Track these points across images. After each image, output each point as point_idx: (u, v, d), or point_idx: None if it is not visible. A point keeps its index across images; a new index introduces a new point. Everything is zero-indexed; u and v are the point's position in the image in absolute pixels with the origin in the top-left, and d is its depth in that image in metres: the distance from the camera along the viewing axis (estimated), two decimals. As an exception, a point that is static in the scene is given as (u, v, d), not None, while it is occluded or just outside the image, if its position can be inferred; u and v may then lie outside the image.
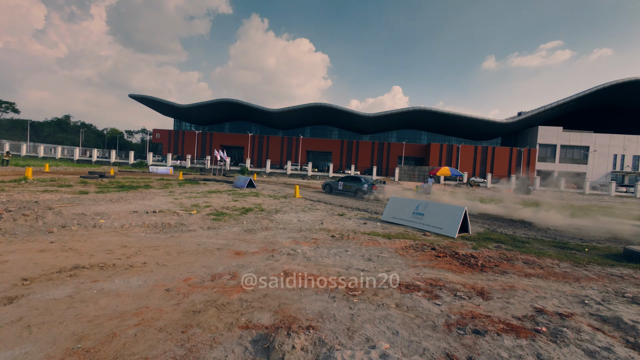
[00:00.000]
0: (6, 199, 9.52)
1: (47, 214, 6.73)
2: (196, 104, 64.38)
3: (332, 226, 8.52)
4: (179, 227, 7.36)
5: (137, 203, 10.65)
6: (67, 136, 71.49)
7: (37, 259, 4.56)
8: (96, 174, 20.28)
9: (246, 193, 16.47)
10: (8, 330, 2.61)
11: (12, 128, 63.88)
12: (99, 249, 5.25)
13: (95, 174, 20.22)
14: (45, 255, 4.74)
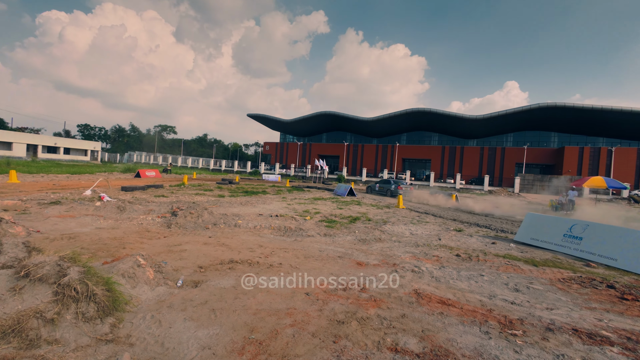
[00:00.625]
0: (175, 199, 12.55)
1: (204, 213, 8.43)
2: (298, 118, 71.08)
3: (452, 243, 7.61)
4: (299, 231, 7.95)
5: (260, 207, 12.25)
6: (205, 150, 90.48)
7: (203, 250, 5.65)
8: (227, 181, 24.71)
9: (348, 201, 16.78)
10: (201, 311, 3.21)
11: (173, 145, 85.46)
12: (243, 246, 6.13)
13: (226, 181, 24.67)
14: (208, 248, 5.83)
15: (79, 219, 7.64)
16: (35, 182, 15.68)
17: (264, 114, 76.38)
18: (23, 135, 41.00)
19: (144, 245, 5.88)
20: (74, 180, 18.62)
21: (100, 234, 6.42)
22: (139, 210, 9.04)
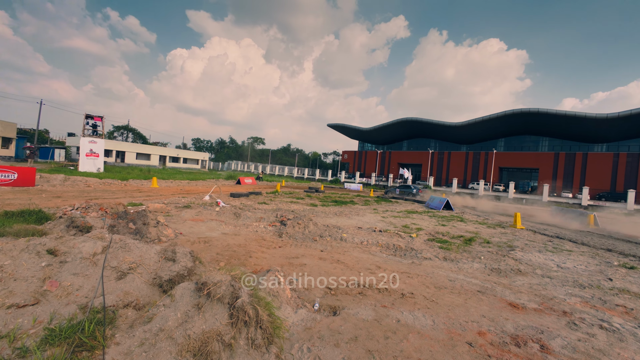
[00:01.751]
0: (275, 207, 13.33)
1: (310, 224, 8.49)
2: (377, 126, 69.69)
3: (634, 287, 5.58)
4: (410, 251, 7.15)
5: (355, 219, 11.89)
6: (288, 159, 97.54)
7: (323, 267, 5.45)
8: (313, 189, 25.55)
9: (447, 216, 14.97)
10: (357, 351, 2.82)
11: (262, 154, 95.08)
12: (359, 265, 5.72)
13: (312, 189, 25.53)
14: (326, 265, 5.61)
15: (207, 223, 8.61)
16: (168, 187, 19.12)
17: (343, 124, 77.77)
18: (157, 148, 51.99)
19: (265, 254, 6.07)
20: (192, 186, 22.07)
21: (227, 240, 6.99)
22: (251, 217, 9.74)
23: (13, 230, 4.66)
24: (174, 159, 53.15)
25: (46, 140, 49.58)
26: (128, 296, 2.92)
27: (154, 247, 3.63)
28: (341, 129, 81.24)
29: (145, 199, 12.17)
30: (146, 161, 47.04)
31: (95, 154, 26.26)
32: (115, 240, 3.51)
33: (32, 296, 2.68)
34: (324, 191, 26.74)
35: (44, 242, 3.14)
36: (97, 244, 3.30)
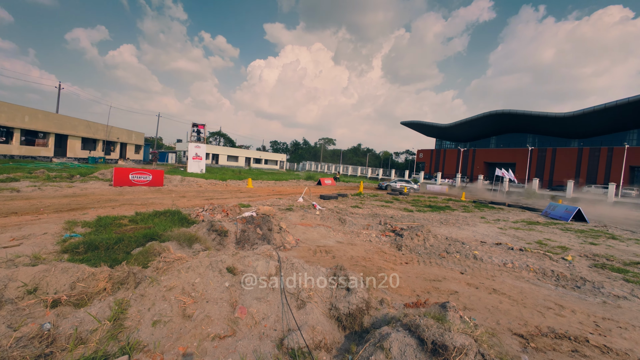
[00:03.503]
0: (369, 211, 12.62)
1: (429, 237, 7.46)
2: (459, 122, 62.80)
3: None
4: (582, 282, 5.45)
5: (468, 229, 10.26)
6: (359, 159, 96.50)
7: (482, 298, 4.41)
8: (397, 191, 24.09)
9: (584, 230, 11.83)
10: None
11: (333, 155, 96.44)
12: (529, 300, 4.47)
13: (396, 191, 24.09)
14: (483, 295, 4.55)
15: (316, 229, 8.39)
16: (261, 188, 20.39)
17: (418, 121, 72.69)
18: (243, 151, 57.52)
19: (397, 272, 5.34)
20: (280, 186, 23.13)
21: (346, 250, 6.53)
22: (357, 224, 9.21)
23: (175, 235, 4.99)
24: (257, 160, 57.96)
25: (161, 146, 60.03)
26: (316, 333, 2.50)
27: (321, 269, 3.22)
28: (416, 127, 76.11)
29: (249, 200, 12.94)
30: (234, 163, 52.46)
31: (199, 157, 30.06)
32: (283, 259, 3.22)
33: (227, 325, 2.47)
34: (408, 193, 24.91)
35: (223, 259, 3.00)
36: (270, 264, 3.03)
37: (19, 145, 21.59)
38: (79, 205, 8.65)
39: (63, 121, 25.48)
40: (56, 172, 15.16)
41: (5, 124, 20.38)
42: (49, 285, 2.69)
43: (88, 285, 2.79)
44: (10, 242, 5.11)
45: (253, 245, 6.11)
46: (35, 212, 7.37)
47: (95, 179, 14.73)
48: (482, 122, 60.28)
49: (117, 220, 6.57)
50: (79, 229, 5.94)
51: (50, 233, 5.69)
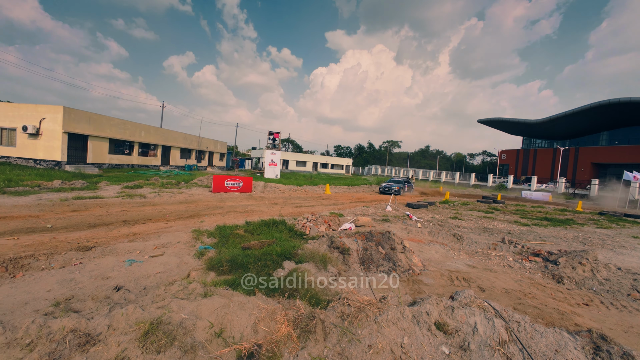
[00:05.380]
0: (475, 224, 10.81)
1: (599, 266, 5.65)
2: (554, 117, 52.91)
3: None
4: None
5: (630, 255, 7.77)
6: (427, 161, 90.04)
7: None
8: (490, 199, 20.97)
9: None
10: None
11: (398, 158, 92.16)
12: None
13: (489, 199, 20.98)
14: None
15: (431, 246, 7.28)
16: (338, 194, 19.98)
17: (499, 117, 63.97)
18: (310, 156, 59.02)
19: (584, 317, 3.91)
20: (356, 192, 22.39)
21: (489, 279, 5.30)
22: (478, 242, 7.76)
23: (308, 255, 4.56)
24: (324, 165, 58.71)
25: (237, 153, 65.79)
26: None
27: (565, 336, 2.21)
28: (496, 124, 67.18)
29: (336, 207, 12.48)
30: (302, 167, 54.08)
31: (275, 164, 31.50)
32: (504, 316, 2.31)
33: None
34: (504, 202, 21.46)
35: (427, 309, 2.25)
36: (496, 324, 2.15)
37: (137, 156, 25.81)
38: (194, 212, 9.29)
39: (167, 135, 29.65)
40: (166, 179, 17.27)
41: (129, 138, 24.56)
42: (232, 325, 2.32)
43: (270, 329, 2.34)
44: (154, 250, 5.42)
45: (378, 266, 5.38)
46: (163, 218, 8.06)
47: (196, 185, 16.26)
48: (589, 115, 49.73)
49: (235, 230, 6.62)
50: (206, 239, 6.09)
51: (182, 242, 5.95)
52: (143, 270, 4.41)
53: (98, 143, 21.88)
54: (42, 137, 19.07)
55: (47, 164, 19.10)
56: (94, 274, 4.20)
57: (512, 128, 66.66)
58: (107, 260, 4.70)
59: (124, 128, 24.36)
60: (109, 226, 6.78)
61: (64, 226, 6.50)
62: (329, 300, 2.82)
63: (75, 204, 8.92)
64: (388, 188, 21.24)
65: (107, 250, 5.12)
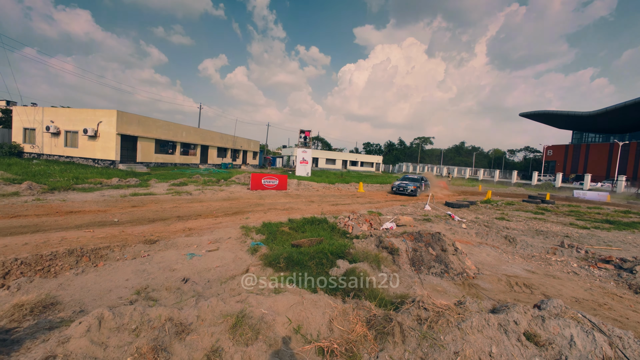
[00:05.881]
0: (525, 226, 10.06)
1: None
2: (612, 107, 47.36)
3: None
4: None
5: None
6: (462, 159, 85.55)
7: None
8: (538, 199, 19.43)
9: None
10: None
11: (431, 155, 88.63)
12: None
13: (537, 199, 19.45)
14: None
15: (481, 248, 6.91)
16: (371, 192, 19.69)
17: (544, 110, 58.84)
18: (340, 154, 58.98)
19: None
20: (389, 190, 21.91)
21: (554, 286, 4.91)
22: (534, 245, 7.23)
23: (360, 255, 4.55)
24: (353, 163, 58.28)
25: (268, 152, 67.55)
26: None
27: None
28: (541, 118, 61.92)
29: (373, 206, 12.31)
30: (332, 165, 54.14)
31: (306, 161, 31.82)
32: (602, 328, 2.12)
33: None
34: (554, 202, 19.76)
35: (514, 317, 2.13)
36: (598, 340, 1.98)
37: (179, 155, 27.53)
38: (237, 209, 9.69)
39: (205, 134, 31.23)
40: (206, 177, 18.19)
41: (172, 139, 26.25)
42: (308, 322, 2.38)
43: (345, 328, 2.36)
44: (209, 244, 5.73)
45: (430, 268, 5.22)
46: (211, 214, 8.51)
47: (234, 182, 16.94)
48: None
49: (280, 228, 6.80)
50: (255, 235, 6.32)
51: (233, 237, 6.23)
52: (203, 264, 4.68)
53: (146, 143, 23.63)
54: (100, 139, 21.01)
55: (104, 163, 21.01)
56: (162, 265, 4.54)
57: (560, 121, 61.19)
58: (170, 253, 5.06)
59: (167, 129, 26.04)
60: (166, 221, 7.29)
61: (128, 220, 7.11)
62: (400, 302, 2.78)
63: (134, 200, 9.72)
64: (403, 188, 18.24)
65: (169, 244, 5.50)
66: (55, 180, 11.45)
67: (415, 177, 20.52)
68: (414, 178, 20.23)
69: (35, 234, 5.58)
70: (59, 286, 3.72)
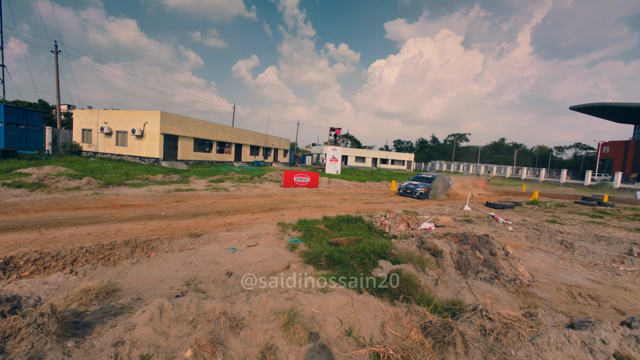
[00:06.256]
0: (582, 230, 9.06)
1: None
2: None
3: None
4: None
5: None
6: (502, 156, 79.97)
7: None
8: (594, 201, 17.53)
9: None
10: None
11: (466, 153, 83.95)
12: None
13: (592, 201, 17.56)
14: None
15: (533, 254, 6.34)
16: (404, 191, 19.06)
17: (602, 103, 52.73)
18: (369, 152, 58.05)
19: None
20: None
21: (626, 298, 4.33)
22: (596, 252, 6.48)
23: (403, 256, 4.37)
24: (383, 161, 57.05)
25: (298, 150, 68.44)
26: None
27: None
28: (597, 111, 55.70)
29: (408, 205, 11.89)
30: (362, 163, 53.46)
31: (336, 159, 31.68)
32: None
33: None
34: (613, 204, 17.68)
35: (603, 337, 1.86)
36: None
37: (215, 153, 28.86)
38: (272, 205, 9.88)
39: (239, 133, 32.40)
40: (241, 174, 18.82)
41: (209, 137, 27.59)
42: (360, 325, 2.29)
43: (399, 334, 2.24)
44: (248, 240, 5.88)
45: (477, 273, 4.88)
46: (248, 210, 8.75)
47: (267, 180, 17.33)
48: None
49: (316, 225, 6.78)
50: (291, 232, 6.37)
51: (271, 234, 6.33)
52: (244, 259, 4.79)
53: (185, 142, 25.03)
54: (145, 138, 22.64)
55: (149, 160, 22.62)
56: (206, 258, 4.72)
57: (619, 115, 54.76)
58: (213, 247, 5.25)
59: (205, 128, 27.36)
60: (207, 216, 7.62)
61: (173, 214, 7.54)
62: (457, 309, 2.59)
63: (177, 195, 10.31)
64: (411, 190, 15.19)
65: (212, 237, 5.72)
66: (109, 176, 12.51)
67: (430, 176, 17.04)
68: (428, 177, 16.89)
69: (96, 225, 6.10)
70: (118, 274, 4.00)
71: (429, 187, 15.33)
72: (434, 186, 15.79)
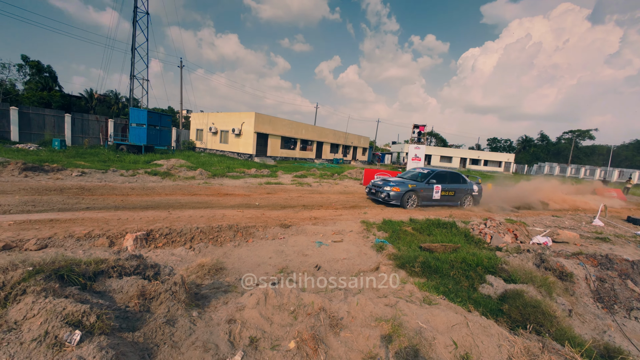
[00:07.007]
0: None
1: None
2: None
3: None
4: None
5: None
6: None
7: None
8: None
9: None
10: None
11: (590, 154, 66.98)
12: None
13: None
14: None
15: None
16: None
17: None
18: (457, 151, 52.31)
19: None
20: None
21: None
22: None
23: (519, 273, 3.64)
24: (474, 161, 50.55)
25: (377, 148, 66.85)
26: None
27: None
28: None
29: (512, 214, 10.09)
30: (448, 163, 48.63)
31: (418, 159, 29.55)
32: None
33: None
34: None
35: None
36: None
37: (299, 150, 30.76)
38: (354, 203, 9.81)
39: (320, 132, 33.67)
40: (322, 171, 19.44)
41: (294, 136, 29.59)
42: (479, 353, 1.92)
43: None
44: (333, 235, 5.90)
45: (630, 310, 3.68)
46: (330, 206, 8.89)
47: (346, 177, 17.39)
48: None
49: (402, 227, 6.36)
50: (376, 231, 6.13)
51: (355, 231, 6.22)
52: (330, 254, 4.80)
53: (274, 140, 27.40)
54: (242, 136, 25.72)
55: (244, 156, 25.63)
56: (295, 249, 4.92)
57: None
58: (301, 239, 5.45)
59: (290, 127, 29.38)
60: (294, 208, 8.05)
61: (265, 205, 8.23)
62: (615, 357, 1.94)
63: (268, 188, 11.29)
64: (377, 189, 9.89)
65: (299, 230, 5.97)
66: (215, 168, 14.63)
67: (426, 171, 10.66)
68: (421, 174, 10.58)
69: (207, 209, 7.13)
70: (224, 254, 4.52)
71: (411, 189, 9.53)
72: (427, 187, 9.86)
